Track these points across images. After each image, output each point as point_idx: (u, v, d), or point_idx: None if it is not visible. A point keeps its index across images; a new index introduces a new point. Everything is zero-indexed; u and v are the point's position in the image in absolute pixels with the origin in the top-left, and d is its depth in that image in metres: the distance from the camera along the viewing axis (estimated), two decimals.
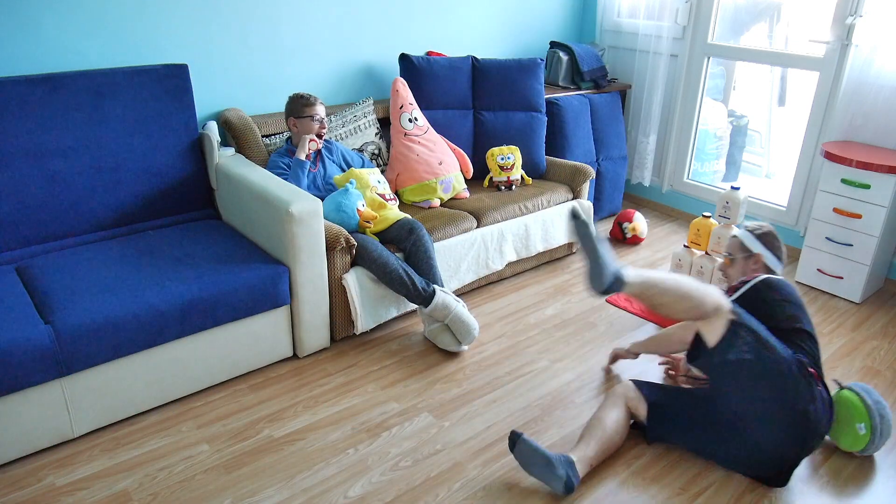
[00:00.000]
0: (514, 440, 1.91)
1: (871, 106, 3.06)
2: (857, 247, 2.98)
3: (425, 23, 3.51)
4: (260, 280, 2.28)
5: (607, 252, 1.84)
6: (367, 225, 2.64)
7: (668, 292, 1.81)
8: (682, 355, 2.36)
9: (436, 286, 2.54)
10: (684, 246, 2.95)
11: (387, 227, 2.68)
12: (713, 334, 1.84)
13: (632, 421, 2.11)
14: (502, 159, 3.25)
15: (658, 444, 2.12)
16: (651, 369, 2.50)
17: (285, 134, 2.94)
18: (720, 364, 1.85)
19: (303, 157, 2.70)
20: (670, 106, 4.00)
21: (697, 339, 1.90)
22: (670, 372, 2.45)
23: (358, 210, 2.59)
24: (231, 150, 2.77)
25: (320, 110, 2.78)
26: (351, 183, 2.63)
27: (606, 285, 1.79)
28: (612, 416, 2.03)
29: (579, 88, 3.88)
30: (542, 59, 3.46)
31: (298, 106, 2.75)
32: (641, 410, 2.07)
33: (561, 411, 2.26)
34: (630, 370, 2.50)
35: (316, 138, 2.75)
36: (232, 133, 2.81)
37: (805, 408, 1.81)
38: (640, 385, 2.11)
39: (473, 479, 1.95)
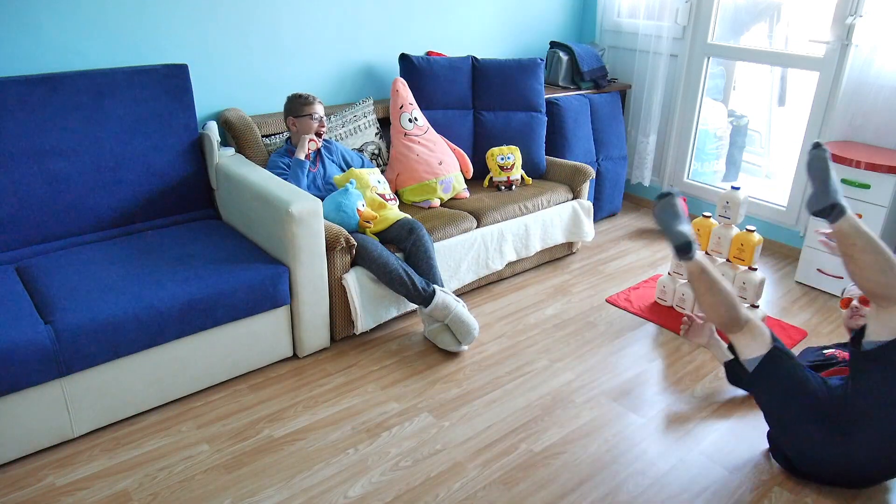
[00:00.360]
0: (665, 195, 2.04)
1: (871, 106, 3.06)
2: None
3: (425, 23, 3.51)
4: (260, 280, 2.28)
5: (837, 181, 1.92)
6: (367, 225, 2.64)
7: (871, 252, 1.76)
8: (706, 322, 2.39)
9: (436, 286, 2.54)
10: None
11: (387, 227, 2.68)
12: (887, 326, 1.77)
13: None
14: (502, 159, 3.25)
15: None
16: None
17: (285, 134, 2.94)
18: (883, 357, 1.78)
19: (302, 156, 2.69)
20: (670, 106, 4.00)
21: (863, 329, 1.85)
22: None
23: (358, 210, 2.59)
24: (231, 150, 2.77)
25: (319, 109, 2.78)
26: (351, 183, 2.63)
27: (828, 203, 1.84)
28: (737, 301, 1.96)
29: (579, 88, 3.88)
30: (542, 59, 3.46)
31: (297, 105, 2.75)
32: (754, 347, 1.92)
33: (561, 411, 2.26)
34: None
35: (315, 138, 2.75)
36: (232, 133, 2.81)
37: None
38: (776, 337, 1.98)
39: (473, 479, 1.95)
